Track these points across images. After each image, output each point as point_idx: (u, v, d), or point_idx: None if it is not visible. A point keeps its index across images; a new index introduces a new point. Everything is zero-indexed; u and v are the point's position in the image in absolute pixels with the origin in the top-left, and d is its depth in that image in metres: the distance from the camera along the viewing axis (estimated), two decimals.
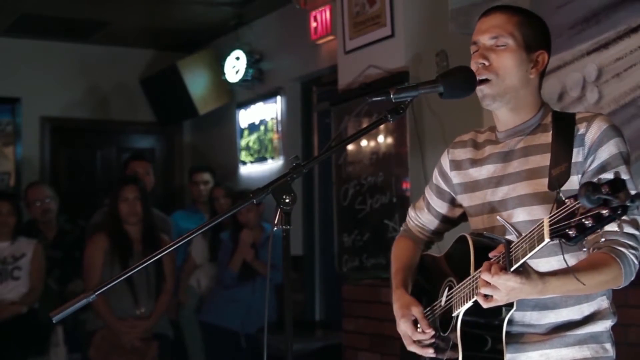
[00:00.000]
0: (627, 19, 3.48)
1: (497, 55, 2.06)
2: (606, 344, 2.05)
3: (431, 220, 2.38)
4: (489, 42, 2.07)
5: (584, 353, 2.02)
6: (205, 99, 6.91)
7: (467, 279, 1.99)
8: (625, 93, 3.51)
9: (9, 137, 7.13)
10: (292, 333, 1.89)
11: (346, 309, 4.81)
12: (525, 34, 2.07)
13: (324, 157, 2.10)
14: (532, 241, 1.74)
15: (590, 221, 1.57)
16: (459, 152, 2.26)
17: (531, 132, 2.10)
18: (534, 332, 2.04)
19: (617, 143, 1.99)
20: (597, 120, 2.01)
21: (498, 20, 2.09)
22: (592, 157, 1.98)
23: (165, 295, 4.81)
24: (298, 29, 5.92)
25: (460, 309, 2.00)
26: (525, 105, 2.11)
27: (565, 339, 2.02)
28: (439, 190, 2.33)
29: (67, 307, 1.87)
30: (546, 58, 2.11)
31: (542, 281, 1.84)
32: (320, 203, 6.07)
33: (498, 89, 2.06)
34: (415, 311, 2.19)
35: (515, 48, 2.05)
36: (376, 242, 4.55)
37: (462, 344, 1.99)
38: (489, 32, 2.08)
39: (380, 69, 4.51)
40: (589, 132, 1.99)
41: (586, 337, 2.02)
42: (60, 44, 7.24)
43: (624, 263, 1.91)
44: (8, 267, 5.18)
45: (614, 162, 1.97)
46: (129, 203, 4.77)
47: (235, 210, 2.05)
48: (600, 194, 1.52)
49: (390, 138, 4.51)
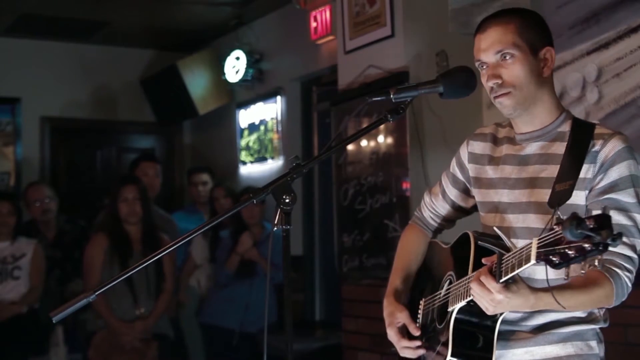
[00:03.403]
0: (627, 19, 3.48)
1: (507, 70, 2.03)
2: (591, 341, 2.05)
3: (445, 207, 2.38)
4: (495, 59, 2.04)
5: (567, 350, 2.03)
6: (205, 99, 6.91)
7: (464, 279, 2.01)
8: (625, 93, 3.51)
9: (9, 137, 7.13)
10: (292, 333, 1.89)
11: (346, 309, 4.81)
12: (527, 38, 2.04)
13: (324, 157, 2.11)
14: (520, 259, 1.76)
15: (573, 252, 1.59)
16: (478, 146, 2.24)
17: (550, 139, 2.08)
18: (520, 330, 2.06)
19: (630, 165, 1.97)
20: (613, 140, 1.99)
21: (496, 34, 2.04)
22: (602, 175, 1.97)
23: (165, 295, 4.81)
24: (298, 29, 5.92)
25: (455, 306, 2.02)
26: (544, 109, 2.09)
27: (550, 337, 2.04)
28: (454, 179, 2.32)
29: (67, 307, 1.87)
30: (553, 52, 2.08)
31: (534, 296, 1.86)
32: (320, 203, 6.07)
33: (517, 99, 2.04)
34: (401, 317, 2.25)
35: (522, 57, 2.03)
36: (376, 242, 4.55)
37: (453, 339, 2.02)
38: (491, 48, 2.04)
39: (380, 69, 4.51)
40: (603, 151, 1.98)
41: (570, 335, 2.04)
42: (60, 44, 7.24)
43: (616, 284, 1.92)
44: (8, 267, 5.18)
45: (622, 184, 1.96)
46: (129, 203, 4.76)
47: (235, 210, 2.05)
48: (584, 229, 1.53)
49: (390, 138, 4.51)
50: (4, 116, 7.11)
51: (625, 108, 3.41)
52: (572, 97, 3.59)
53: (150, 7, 6.44)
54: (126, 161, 6.94)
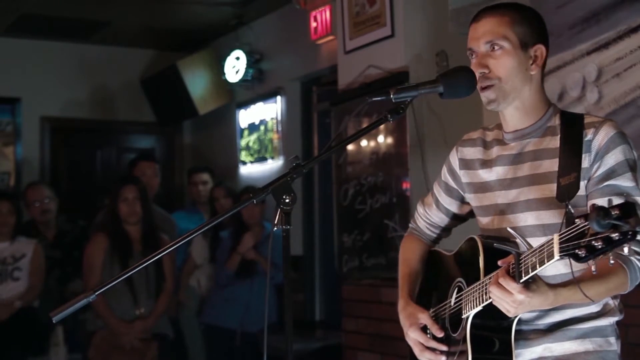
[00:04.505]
0: (627, 19, 3.48)
1: (495, 61, 2.05)
2: (610, 337, 2.05)
3: (440, 217, 2.37)
4: (484, 49, 2.06)
5: (586, 346, 2.02)
6: (205, 99, 6.92)
7: (477, 283, 2.00)
8: (625, 93, 3.51)
9: (9, 137, 7.13)
10: (292, 333, 1.89)
11: (346, 309, 4.81)
12: (519, 32, 2.05)
13: (324, 157, 2.11)
14: (542, 256, 1.75)
15: (600, 243, 1.58)
16: (468, 151, 2.25)
17: (540, 135, 2.09)
18: (536, 328, 2.05)
19: (624, 150, 1.98)
20: (604, 127, 2.00)
21: (489, 24, 2.07)
22: (599, 163, 1.98)
23: (165, 295, 4.81)
24: (298, 29, 5.92)
25: (470, 312, 2.02)
26: (531, 106, 2.09)
27: (568, 333, 2.03)
28: (447, 188, 2.32)
29: (67, 307, 1.87)
30: (544, 51, 2.09)
31: (553, 292, 1.86)
32: (320, 203, 6.07)
33: (501, 92, 2.05)
34: (423, 318, 2.20)
35: (511, 50, 2.04)
36: (376, 242, 4.55)
37: (472, 345, 2.01)
38: (482, 38, 2.07)
39: (380, 69, 4.51)
40: (596, 139, 1.99)
41: (589, 331, 2.03)
42: (60, 44, 7.24)
43: (630, 269, 1.92)
44: (8, 268, 5.17)
45: (619, 169, 1.96)
46: (129, 203, 4.76)
47: (235, 210, 2.04)
48: (611, 219, 1.52)
49: (390, 138, 4.51)
50: (4, 116, 7.11)
51: (625, 108, 3.41)
52: (572, 97, 3.59)
53: (150, 7, 6.44)
54: (126, 161, 6.93)
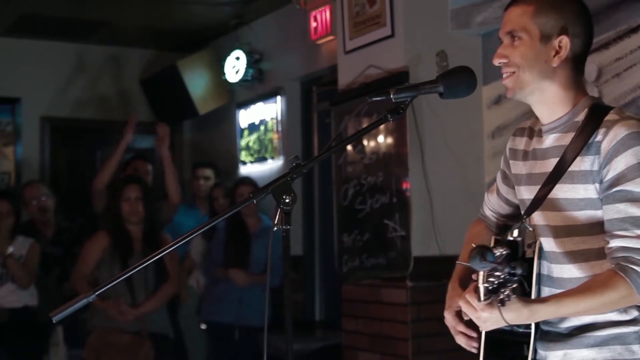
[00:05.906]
0: (627, 19, 3.48)
1: (513, 50, 2.03)
2: (634, 345, 1.95)
3: (499, 204, 2.34)
4: (506, 39, 2.05)
5: (604, 354, 1.95)
6: (205, 99, 6.91)
7: None
8: (625, 93, 3.51)
9: (9, 137, 7.13)
10: (292, 333, 1.89)
11: (346, 309, 4.81)
12: (541, 23, 2.00)
13: (324, 157, 2.11)
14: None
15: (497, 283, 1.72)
16: (517, 141, 2.21)
17: (565, 130, 2.03)
18: (557, 331, 2.02)
19: (636, 152, 1.87)
20: (616, 127, 1.91)
21: (513, 14, 2.05)
22: (608, 167, 1.90)
23: (166, 288, 4.78)
24: (298, 29, 5.92)
25: None
26: (556, 100, 2.04)
27: (585, 340, 1.97)
28: (504, 175, 2.29)
29: (67, 307, 1.87)
30: (568, 42, 2.01)
31: (527, 309, 1.85)
32: (320, 203, 6.07)
33: (518, 81, 2.02)
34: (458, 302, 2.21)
35: (528, 41, 2.00)
36: (376, 242, 4.55)
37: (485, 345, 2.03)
38: (505, 27, 2.05)
39: (380, 69, 4.51)
40: (606, 140, 1.91)
41: (608, 339, 1.95)
42: (60, 44, 7.24)
43: (633, 280, 1.84)
44: (8, 270, 5.16)
45: (630, 174, 1.87)
46: (131, 202, 4.76)
47: (235, 210, 2.04)
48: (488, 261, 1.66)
49: (390, 138, 4.51)
50: (4, 116, 7.11)
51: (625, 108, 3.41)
52: None
53: (150, 7, 6.44)
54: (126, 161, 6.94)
